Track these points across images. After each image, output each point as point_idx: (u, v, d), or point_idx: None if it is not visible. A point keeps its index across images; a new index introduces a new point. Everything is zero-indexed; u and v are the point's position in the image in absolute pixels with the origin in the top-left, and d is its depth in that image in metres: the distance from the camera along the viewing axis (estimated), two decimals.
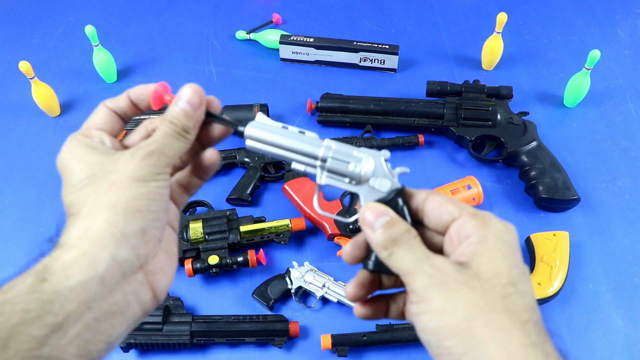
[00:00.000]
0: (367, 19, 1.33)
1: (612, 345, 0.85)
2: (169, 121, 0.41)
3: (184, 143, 0.41)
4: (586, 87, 1.10)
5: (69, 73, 1.23)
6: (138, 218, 0.37)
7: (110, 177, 0.38)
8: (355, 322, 0.87)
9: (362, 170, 0.42)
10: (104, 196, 0.37)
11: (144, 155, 0.39)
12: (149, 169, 0.39)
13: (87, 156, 0.39)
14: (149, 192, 0.38)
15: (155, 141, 0.40)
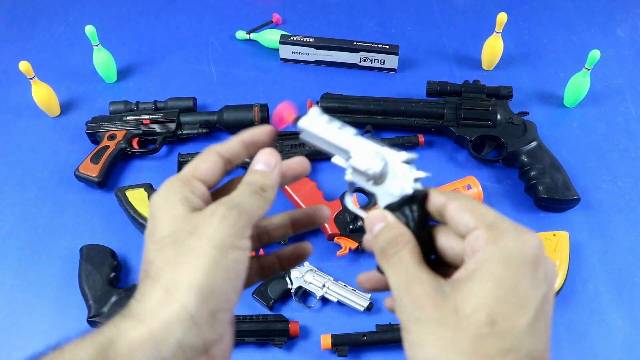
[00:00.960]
0: (367, 19, 1.33)
1: (612, 345, 0.85)
2: (246, 182, 0.40)
3: (262, 202, 0.39)
4: (586, 87, 1.10)
5: (69, 73, 1.23)
6: (211, 301, 0.35)
7: (190, 240, 0.36)
8: (355, 322, 0.87)
9: (376, 171, 0.41)
10: (182, 267, 0.35)
11: (223, 213, 0.37)
12: (229, 230, 0.36)
13: (176, 209, 0.38)
14: (226, 266, 0.36)
15: (233, 199, 0.38)
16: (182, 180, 0.40)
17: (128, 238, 0.97)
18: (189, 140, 1.11)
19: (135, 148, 1.07)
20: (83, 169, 1.02)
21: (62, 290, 0.91)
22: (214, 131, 1.12)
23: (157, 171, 1.06)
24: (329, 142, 0.43)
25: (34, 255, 0.96)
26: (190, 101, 1.11)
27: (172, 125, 1.08)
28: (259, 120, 1.08)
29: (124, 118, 1.08)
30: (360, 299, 0.88)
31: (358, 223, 0.93)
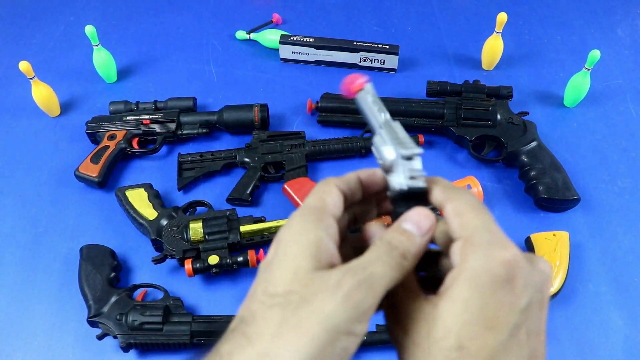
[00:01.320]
0: (367, 19, 1.33)
1: (612, 345, 0.85)
2: (388, 242, 0.34)
3: (399, 273, 0.34)
4: (586, 87, 1.10)
5: (69, 73, 1.23)
6: None
7: (302, 311, 0.31)
8: None
9: (386, 160, 0.38)
10: (283, 342, 0.31)
11: (349, 290, 0.31)
12: (350, 313, 0.31)
13: (302, 260, 0.33)
14: (332, 354, 0.31)
15: (365, 267, 0.32)
16: (316, 215, 0.34)
17: (128, 238, 0.97)
18: (189, 140, 1.11)
19: (135, 148, 1.07)
20: (83, 169, 1.02)
21: (62, 290, 0.91)
22: (214, 131, 1.12)
23: (157, 171, 1.06)
24: (369, 119, 0.41)
25: (34, 255, 0.96)
26: (190, 101, 1.11)
27: (172, 125, 1.08)
28: (259, 120, 1.08)
29: (124, 118, 1.08)
30: None
31: None
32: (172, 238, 0.91)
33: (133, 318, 0.83)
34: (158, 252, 0.93)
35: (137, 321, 0.83)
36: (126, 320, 0.83)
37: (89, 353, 0.85)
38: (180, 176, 1.03)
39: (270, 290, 0.32)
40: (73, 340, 0.86)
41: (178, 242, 0.91)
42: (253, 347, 0.31)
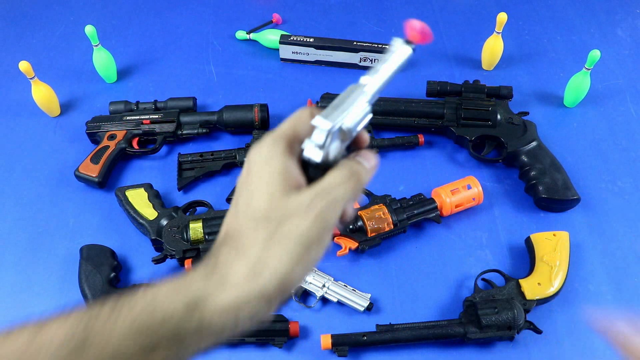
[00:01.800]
0: (367, 19, 1.33)
1: (612, 346, 0.85)
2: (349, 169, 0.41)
3: (355, 197, 0.42)
4: (586, 87, 1.10)
5: (69, 73, 1.23)
6: (286, 288, 0.39)
7: (282, 227, 0.39)
8: (355, 322, 0.87)
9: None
10: (270, 252, 0.38)
11: (320, 210, 0.39)
12: (321, 226, 0.39)
13: (274, 185, 0.40)
14: (307, 261, 0.39)
15: (331, 190, 0.40)
16: (286, 143, 0.41)
17: (128, 238, 0.97)
18: (189, 140, 1.11)
19: (135, 148, 1.07)
20: (83, 169, 1.02)
21: (62, 290, 0.91)
22: (214, 131, 1.12)
23: (157, 171, 1.06)
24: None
25: (34, 255, 0.96)
26: (190, 101, 1.11)
27: (172, 125, 1.08)
28: (259, 120, 1.08)
29: (124, 118, 1.08)
30: (360, 299, 0.88)
31: (358, 223, 0.93)
32: (172, 238, 0.91)
33: None
34: (158, 252, 0.93)
35: None
36: None
37: None
38: (180, 176, 1.03)
39: (251, 212, 0.40)
40: None
41: (178, 242, 0.91)
42: (246, 257, 0.39)
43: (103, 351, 0.36)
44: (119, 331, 0.36)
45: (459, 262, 0.94)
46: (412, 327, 0.83)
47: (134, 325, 0.36)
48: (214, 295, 0.38)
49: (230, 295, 0.38)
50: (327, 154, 0.42)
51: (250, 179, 0.41)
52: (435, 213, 0.96)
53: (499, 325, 0.82)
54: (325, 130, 0.41)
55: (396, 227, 0.93)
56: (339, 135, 0.42)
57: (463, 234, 0.97)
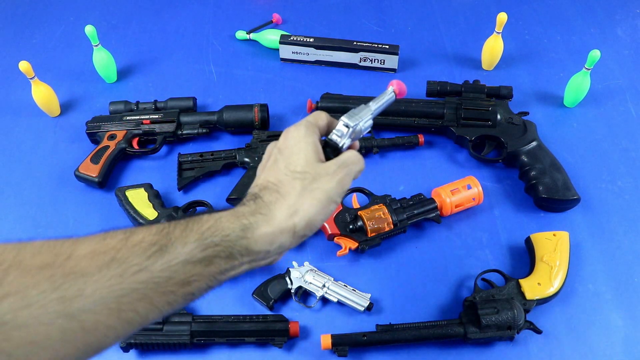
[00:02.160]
0: (367, 19, 1.33)
1: (612, 345, 0.85)
2: (355, 155, 0.57)
3: (359, 173, 0.58)
4: (586, 87, 1.10)
5: (69, 73, 1.23)
6: (309, 229, 0.52)
7: (314, 184, 0.53)
8: (355, 322, 0.87)
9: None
10: (304, 201, 0.52)
11: (342, 178, 0.54)
12: (340, 190, 0.54)
13: (309, 153, 0.55)
14: (326, 212, 0.53)
15: (349, 164, 0.56)
16: (314, 128, 0.57)
17: None
18: (189, 140, 1.11)
19: (135, 148, 1.07)
20: (83, 169, 1.02)
21: None
22: (214, 131, 1.12)
23: (157, 171, 1.06)
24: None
25: None
26: (190, 101, 1.11)
27: (172, 125, 1.08)
28: (259, 120, 1.08)
29: (124, 118, 1.08)
30: (360, 299, 0.88)
31: (358, 223, 0.93)
32: None
33: None
34: None
35: None
36: None
37: None
38: (180, 176, 1.03)
39: (291, 168, 0.54)
40: None
41: None
42: (286, 200, 0.52)
43: (178, 255, 0.46)
44: (190, 242, 0.47)
45: (459, 262, 0.94)
46: (412, 327, 0.83)
47: (201, 238, 0.47)
48: (261, 225, 0.50)
49: (271, 226, 0.50)
50: (344, 143, 0.59)
51: (290, 148, 0.55)
52: (435, 213, 0.96)
53: (499, 325, 0.82)
54: (350, 125, 0.59)
55: (396, 227, 0.93)
56: (352, 134, 0.59)
57: (463, 234, 0.97)
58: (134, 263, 0.44)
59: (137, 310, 0.44)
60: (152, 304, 0.45)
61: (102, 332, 0.42)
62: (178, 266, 0.46)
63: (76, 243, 0.44)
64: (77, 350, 0.41)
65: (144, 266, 0.44)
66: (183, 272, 0.46)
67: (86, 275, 0.42)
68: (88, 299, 0.41)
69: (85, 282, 0.41)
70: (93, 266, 0.42)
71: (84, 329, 0.41)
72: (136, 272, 0.44)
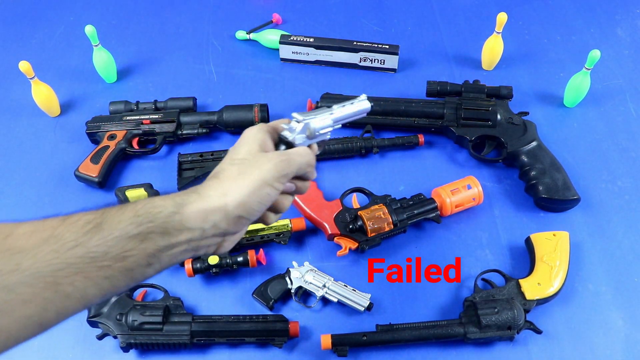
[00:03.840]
0: (367, 19, 1.33)
1: (612, 345, 0.85)
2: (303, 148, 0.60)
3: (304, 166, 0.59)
4: (586, 87, 1.10)
5: (69, 73, 1.23)
6: (241, 210, 0.54)
7: (250, 169, 0.55)
8: (355, 322, 0.87)
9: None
10: (237, 183, 0.54)
11: (277, 162, 0.55)
12: (273, 173, 0.55)
13: (254, 145, 0.57)
14: (260, 194, 0.54)
15: (289, 154, 0.58)
16: (269, 127, 0.60)
17: None
18: (189, 140, 1.11)
19: (135, 148, 1.07)
20: (83, 169, 1.02)
21: None
22: (214, 131, 1.12)
23: (157, 171, 1.06)
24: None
25: None
26: (190, 101, 1.11)
27: (172, 125, 1.08)
28: (259, 120, 1.08)
29: (124, 118, 1.08)
30: (360, 299, 0.88)
31: (358, 223, 0.93)
32: None
33: (133, 318, 0.83)
34: None
35: (137, 321, 0.83)
36: (126, 320, 0.83)
37: (89, 353, 0.85)
38: (180, 176, 1.03)
39: (233, 157, 0.57)
40: (73, 340, 0.86)
41: None
42: (221, 183, 0.55)
43: (113, 231, 0.48)
44: (125, 218, 0.49)
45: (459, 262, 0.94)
46: (412, 327, 0.83)
47: (135, 215, 0.49)
48: (193, 202, 0.52)
49: (203, 203, 0.52)
50: (294, 139, 0.60)
51: (238, 142, 0.58)
52: (435, 213, 0.96)
53: (499, 325, 0.82)
54: (299, 119, 0.60)
55: (396, 227, 0.93)
56: (305, 131, 0.60)
57: (463, 234, 0.97)
58: (71, 239, 0.46)
59: (74, 284, 0.46)
60: (89, 277, 0.47)
61: (40, 304, 0.44)
62: (113, 241, 0.48)
63: (18, 224, 0.47)
64: (16, 323, 0.44)
65: (80, 242, 0.46)
66: (118, 247, 0.48)
67: (23, 251, 0.45)
68: (24, 273, 0.44)
69: (22, 257, 0.44)
70: (30, 243, 0.45)
71: (22, 301, 0.43)
72: (72, 247, 0.46)
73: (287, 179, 0.57)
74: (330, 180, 1.04)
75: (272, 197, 0.56)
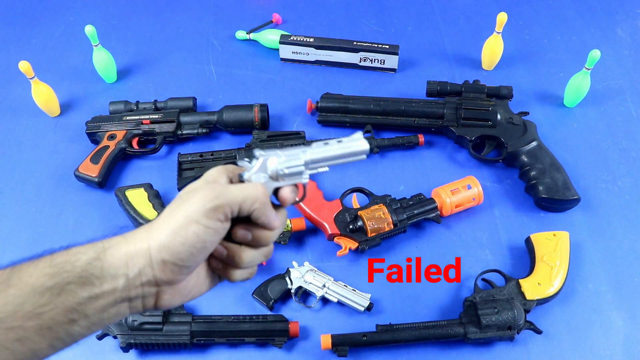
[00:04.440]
0: (367, 19, 1.33)
1: (612, 345, 0.85)
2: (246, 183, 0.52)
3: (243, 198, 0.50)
4: (586, 87, 1.10)
5: (69, 73, 1.23)
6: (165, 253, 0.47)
7: (180, 205, 0.49)
8: (355, 322, 0.87)
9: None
10: (163, 222, 0.48)
11: (203, 194, 0.48)
12: (199, 207, 0.47)
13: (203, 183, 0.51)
14: (185, 234, 0.47)
15: (221, 185, 0.50)
16: (232, 168, 0.54)
17: None
18: (188, 140, 1.11)
19: (135, 148, 1.07)
20: (83, 169, 1.02)
21: None
22: (214, 131, 1.12)
23: (157, 171, 1.06)
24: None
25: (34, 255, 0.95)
26: (190, 101, 1.11)
27: (172, 125, 1.08)
28: (259, 120, 1.08)
29: (124, 118, 1.08)
30: (360, 299, 0.88)
31: (358, 223, 0.93)
32: None
33: (133, 318, 0.83)
34: None
35: (137, 321, 0.83)
36: (126, 320, 0.83)
37: (89, 353, 0.85)
38: (180, 176, 1.03)
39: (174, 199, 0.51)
40: None
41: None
42: (151, 226, 0.49)
43: (23, 286, 0.44)
44: (39, 269, 0.45)
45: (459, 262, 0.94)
46: (412, 327, 0.83)
47: (51, 265, 0.45)
48: (115, 245, 0.47)
49: (126, 247, 0.47)
50: (250, 177, 0.53)
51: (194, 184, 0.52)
52: (435, 213, 0.96)
53: (499, 325, 0.82)
54: (259, 155, 0.53)
55: (396, 227, 0.93)
56: (264, 169, 0.53)
57: (463, 234, 0.97)
58: None
59: None
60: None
61: None
62: (23, 297, 0.43)
63: None
64: None
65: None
66: (30, 303, 0.43)
67: None
68: None
69: None
70: None
71: None
72: None
73: (221, 215, 0.48)
74: (330, 180, 1.04)
75: (202, 238, 0.47)
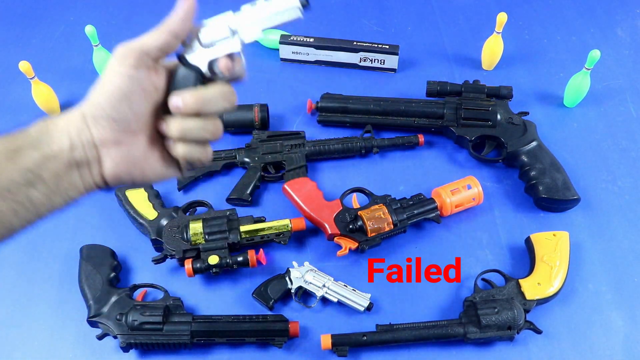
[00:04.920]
0: (367, 19, 1.33)
1: (612, 345, 0.85)
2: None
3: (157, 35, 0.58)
4: (586, 87, 1.10)
5: (69, 73, 1.23)
6: (94, 110, 0.55)
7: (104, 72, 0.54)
8: (355, 322, 0.87)
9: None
10: (92, 88, 0.55)
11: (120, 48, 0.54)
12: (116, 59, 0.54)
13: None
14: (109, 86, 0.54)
15: (127, 45, 0.55)
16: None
17: (128, 238, 0.97)
18: None
19: None
20: None
21: (62, 290, 0.91)
22: None
23: None
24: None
25: (34, 255, 0.95)
26: None
27: None
28: (259, 120, 1.08)
29: None
30: (360, 299, 0.88)
31: (358, 223, 0.93)
32: (172, 238, 0.91)
33: (133, 318, 0.83)
34: (158, 252, 0.93)
35: (137, 321, 0.83)
36: (126, 320, 0.83)
37: (89, 353, 0.85)
38: None
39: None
40: (73, 340, 0.86)
41: (178, 242, 0.91)
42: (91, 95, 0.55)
43: None
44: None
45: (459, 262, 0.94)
46: (412, 327, 0.83)
47: (6, 137, 0.50)
48: (59, 117, 0.54)
49: (66, 115, 0.54)
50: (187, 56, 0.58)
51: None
52: (435, 213, 0.96)
53: (499, 325, 0.82)
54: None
55: (396, 227, 0.93)
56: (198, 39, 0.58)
57: (463, 234, 0.97)
58: None
59: None
60: None
61: None
62: None
63: None
64: None
65: None
66: None
67: None
68: None
69: None
70: None
71: None
72: None
73: (132, 60, 0.54)
74: (330, 180, 1.04)
75: (118, 86, 0.54)
